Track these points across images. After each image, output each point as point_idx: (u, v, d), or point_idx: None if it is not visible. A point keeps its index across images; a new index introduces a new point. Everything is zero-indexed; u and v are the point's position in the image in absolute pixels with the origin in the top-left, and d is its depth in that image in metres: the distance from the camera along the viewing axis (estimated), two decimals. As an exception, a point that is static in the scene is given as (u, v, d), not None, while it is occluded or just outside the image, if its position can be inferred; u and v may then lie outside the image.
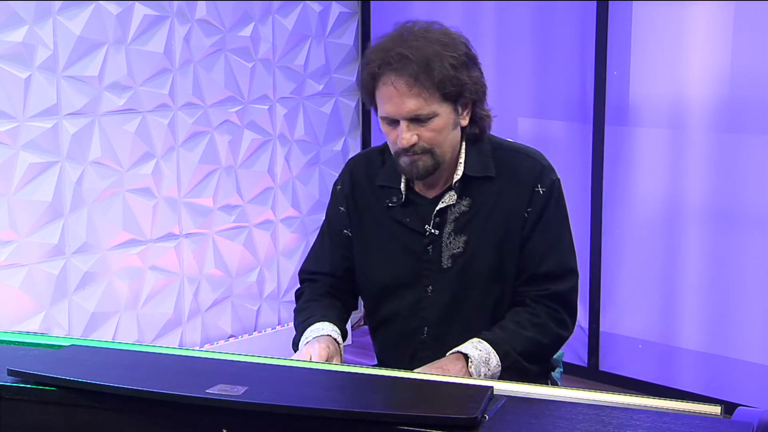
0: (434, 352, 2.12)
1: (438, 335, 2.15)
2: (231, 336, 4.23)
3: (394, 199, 2.18)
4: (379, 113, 2.08)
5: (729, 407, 1.48)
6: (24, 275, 3.50)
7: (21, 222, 3.48)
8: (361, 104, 4.64)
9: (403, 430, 1.39)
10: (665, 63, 3.68)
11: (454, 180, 2.13)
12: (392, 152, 2.10)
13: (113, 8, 3.64)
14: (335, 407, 1.43)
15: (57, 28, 3.49)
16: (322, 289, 2.27)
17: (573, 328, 2.16)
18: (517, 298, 2.14)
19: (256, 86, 4.18)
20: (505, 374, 2.01)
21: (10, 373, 1.60)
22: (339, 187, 2.28)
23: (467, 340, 2.09)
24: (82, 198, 3.63)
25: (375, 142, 4.62)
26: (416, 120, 2.02)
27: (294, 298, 2.33)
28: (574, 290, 2.16)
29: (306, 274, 2.33)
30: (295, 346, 2.17)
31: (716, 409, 1.46)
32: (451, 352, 2.04)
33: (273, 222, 4.34)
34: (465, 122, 2.10)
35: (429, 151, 2.05)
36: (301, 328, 2.17)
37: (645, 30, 3.72)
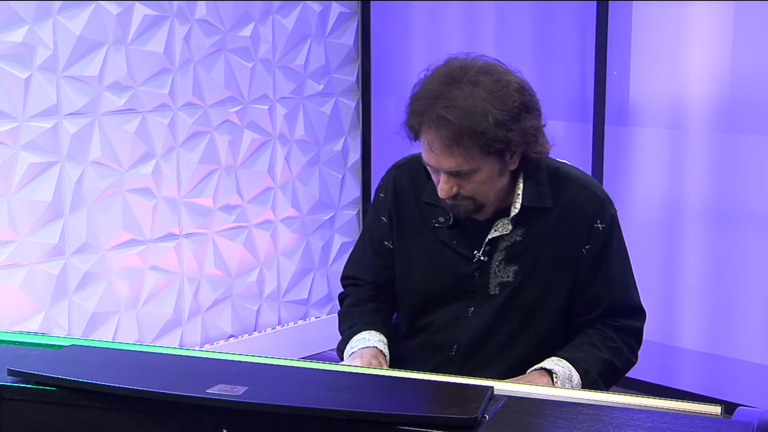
0: (458, 370, 2.08)
1: (466, 355, 2.10)
2: (231, 336, 4.23)
3: (441, 220, 2.11)
4: (422, 157, 2.00)
5: (729, 407, 1.48)
6: (24, 275, 3.50)
7: (21, 222, 3.48)
8: (361, 104, 4.64)
9: (403, 430, 1.39)
10: (665, 63, 3.68)
11: (512, 213, 2.05)
12: None
13: (113, 8, 3.64)
14: (335, 407, 1.43)
15: (57, 28, 3.49)
16: (366, 294, 2.23)
17: (638, 353, 2.15)
18: (585, 326, 2.11)
19: (256, 86, 4.18)
20: None
21: (10, 373, 1.60)
22: (382, 195, 2.21)
23: (494, 364, 2.07)
24: (82, 198, 3.63)
25: (375, 142, 4.62)
26: (457, 174, 1.95)
27: (338, 302, 2.30)
28: (642, 329, 2.14)
29: (349, 280, 2.29)
30: (340, 353, 2.15)
31: (716, 409, 1.46)
32: (533, 368, 2.00)
33: (273, 222, 4.34)
34: (514, 166, 2.01)
35: (471, 198, 1.99)
36: (346, 335, 2.15)
37: (645, 30, 3.72)
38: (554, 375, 1.97)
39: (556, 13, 3.95)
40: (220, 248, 4.13)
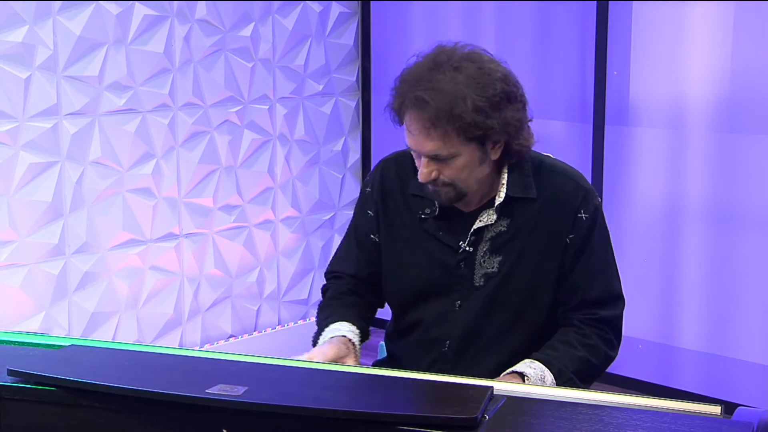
0: (453, 365, 2.11)
1: (459, 349, 2.12)
2: (231, 336, 4.23)
3: (428, 211, 2.12)
4: (406, 142, 2.03)
5: (729, 407, 1.48)
6: (24, 275, 3.50)
7: (21, 222, 3.48)
8: (361, 104, 4.64)
9: (403, 430, 1.39)
10: (665, 63, 3.68)
11: (496, 202, 2.06)
12: None
13: (113, 8, 3.64)
14: (335, 407, 1.43)
15: (57, 28, 3.49)
16: (346, 287, 2.24)
17: (618, 348, 2.13)
18: (563, 321, 2.11)
19: (256, 86, 4.18)
20: None
21: (10, 373, 1.60)
22: (369, 189, 2.23)
23: (488, 357, 2.08)
24: (82, 198, 3.63)
25: (375, 142, 4.62)
26: (436, 158, 1.97)
27: (321, 295, 2.32)
28: (621, 317, 2.13)
29: (332, 274, 2.30)
30: (314, 345, 2.16)
31: (716, 409, 1.46)
32: (505, 372, 2.01)
33: (273, 222, 4.34)
34: (496, 156, 2.02)
35: (451, 184, 2.00)
36: (321, 326, 2.17)
37: (645, 30, 3.72)
38: (525, 377, 1.97)
39: (556, 13, 3.95)
40: (220, 248, 4.13)
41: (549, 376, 1.99)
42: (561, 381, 2.00)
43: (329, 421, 1.42)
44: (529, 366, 2.00)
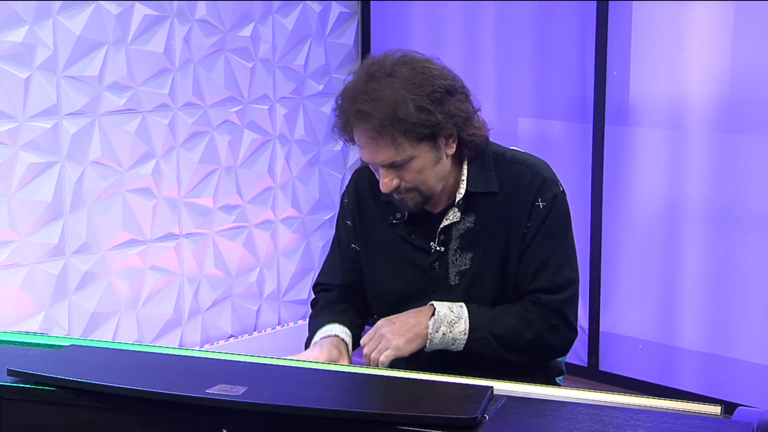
0: (437, 365, 2.10)
1: (443, 351, 2.11)
2: (231, 336, 4.23)
3: (398, 215, 2.15)
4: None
5: (729, 407, 1.48)
6: (24, 275, 3.50)
7: (21, 222, 3.48)
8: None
9: (403, 430, 1.39)
10: (665, 63, 3.68)
11: (457, 198, 2.09)
12: None
13: (113, 8, 3.64)
14: (335, 407, 1.43)
15: (57, 28, 3.49)
16: (335, 296, 2.26)
17: (566, 338, 2.10)
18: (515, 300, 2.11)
19: (256, 86, 4.18)
20: (477, 349, 1.99)
21: (10, 373, 1.60)
22: (346, 200, 2.27)
23: (471, 355, 2.08)
24: (82, 198, 3.63)
25: (375, 142, 4.61)
26: (393, 165, 1.99)
27: (310, 309, 2.33)
28: (569, 302, 2.10)
29: (319, 287, 2.33)
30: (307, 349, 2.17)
31: (716, 409, 1.46)
32: (429, 304, 2.06)
33: (273, 222, 4.34)
34: (451, 151, 2.04)
35: (414, 189, 2.02)
36: (312, 331, 2.18)
37: (645, 30, 3.72)
38: (435, 312, 2.01)
39: (556, 13, 3.95)
40: (220, 248, 4.13)
41: (463, 325, 2.02)
42: (476, 335, 2.02)
43: (329, 421, 1.42)
44: (450, 308, 2.03)
